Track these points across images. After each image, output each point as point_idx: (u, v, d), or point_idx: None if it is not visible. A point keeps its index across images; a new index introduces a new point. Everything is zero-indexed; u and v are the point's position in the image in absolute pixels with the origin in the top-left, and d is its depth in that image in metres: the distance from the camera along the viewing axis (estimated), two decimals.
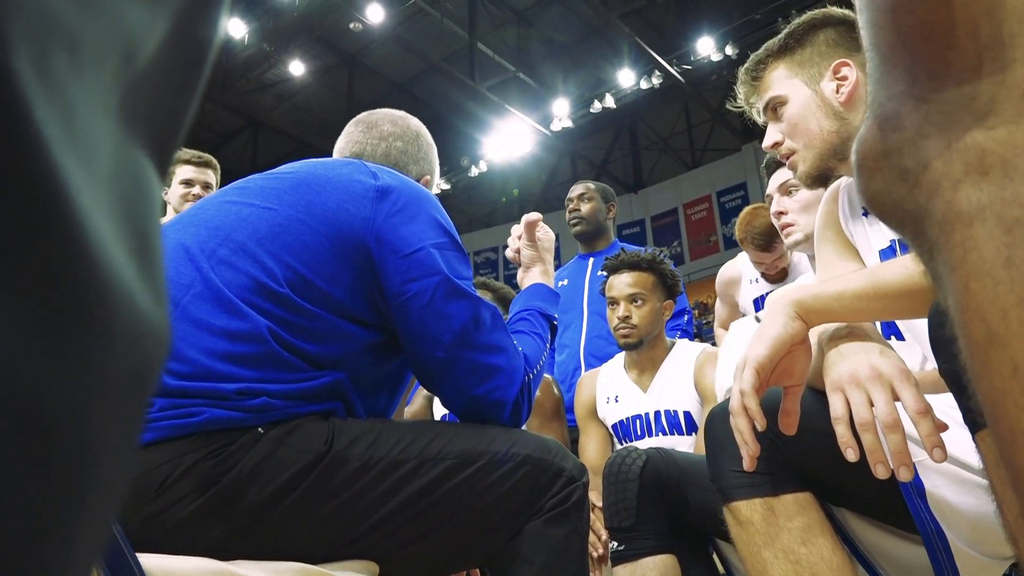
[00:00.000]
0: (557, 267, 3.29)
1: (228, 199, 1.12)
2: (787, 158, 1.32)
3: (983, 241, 0.33)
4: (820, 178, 1.29)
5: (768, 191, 2.15)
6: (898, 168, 0.37)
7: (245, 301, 0.98)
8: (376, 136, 1.39)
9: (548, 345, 1.33)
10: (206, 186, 2.78)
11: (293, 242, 1.04)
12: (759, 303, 2.60)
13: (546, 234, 1.50)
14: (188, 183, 2.75)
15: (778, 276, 2.56)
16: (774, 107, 1.32)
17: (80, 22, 0.18)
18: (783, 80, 1.31)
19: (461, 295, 1.11)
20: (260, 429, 0.92)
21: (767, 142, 1.35)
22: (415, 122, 1.46)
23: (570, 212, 3.16)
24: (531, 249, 1.48)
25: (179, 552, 0.83)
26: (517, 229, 1.51)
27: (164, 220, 2.77)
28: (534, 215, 1.50)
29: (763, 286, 2.60)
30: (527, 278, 1.47)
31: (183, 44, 0.23)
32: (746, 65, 1.38)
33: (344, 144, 1.41)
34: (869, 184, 0.39)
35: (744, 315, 2.66)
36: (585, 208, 3.14)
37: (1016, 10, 0.34)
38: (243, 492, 0.89)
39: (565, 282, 3.13)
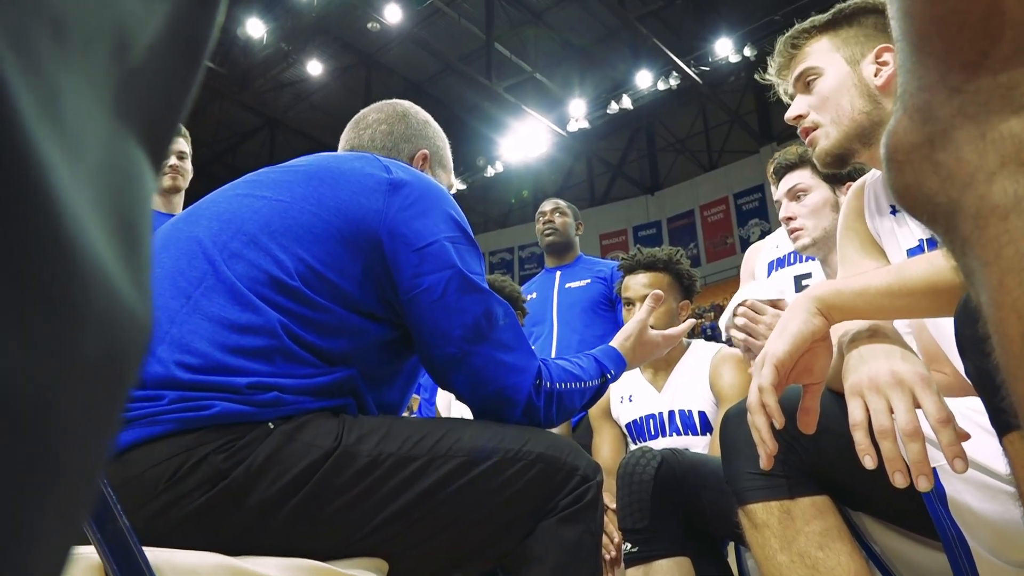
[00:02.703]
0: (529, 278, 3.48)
1: (240, 192, 1.11)
2: (807, 133, 1.29)
3: (1020, 235, 0.31)
4: (839, 158, 1.25)
5: (776, 196, 2.12)
6: (930, 160, 0.36)
7: (257, 294, 0.97)
8: (362, 127, 1.39)
9: (591, 382, 1.27)
10: (180, 156, 2.79)
11: (304, 235, 1.03)
12: (771, 266, 2.56)
13: (655, 344, 1.46)
14: None
15: None
16: (807, 80, 1.29)
17: (63, 2, 0.17)
18: (824, 53, 1.28)
19: (474, 290, 1.10)
20: (271, 424, 0.92)
21: (791, 113, 1.31)
22: (404, 104, 1.46)
23: (544, 223, 3.35)
24: (639, 326, 1.44)
25: (187, 547, 0.82)
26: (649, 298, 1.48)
27: None
28: (658, 293, 1.48)
29: (784, 249, 2.55)
30: (614, 340, 1.44)
31: (179, 40, 0.23)
32: (788, 33, 1.35)
33: (341, 146, 1.42)
34: (899, 177, 0.38)
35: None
36: (559, 221, 3.34)
37: None
38: (252, 487, 0.88)
39: (534, 295, 3.31)
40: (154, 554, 0.75)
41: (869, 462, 0.88)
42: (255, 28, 14.38)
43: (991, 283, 0.33)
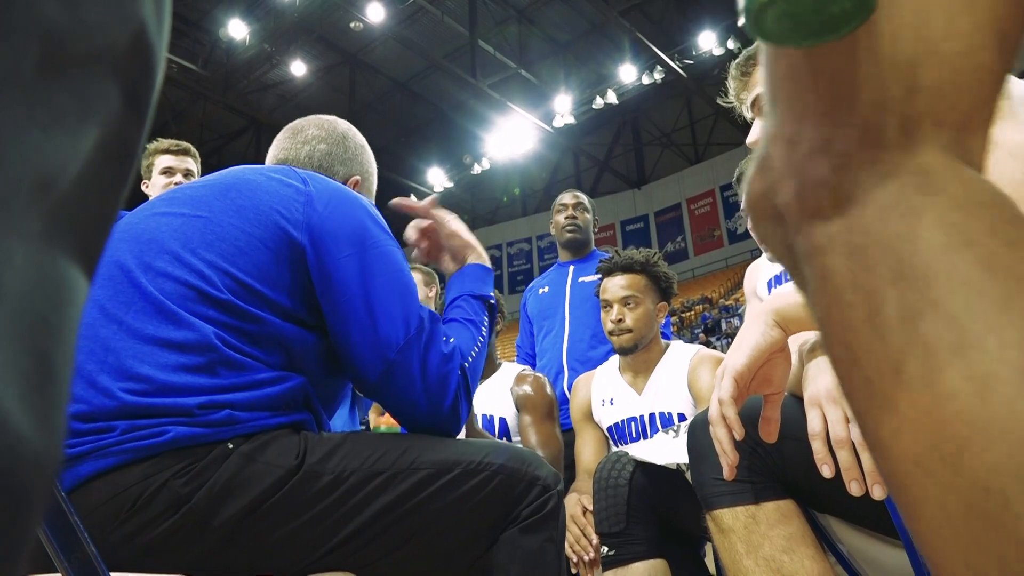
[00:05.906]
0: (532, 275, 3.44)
1: (157, 211, 1.10)
2: None
3: (835, 269, 0.35)
4: None
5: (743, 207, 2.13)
6: (771, 207, 0.39)
7: (188, 311, 0.97)
8: (300, 140, 1.38)
9: (485, 328, 1.26)
10: (187, 173, 2.81)
11: (227, 248, 1.03)
12: (770, 284, 2.57)
13: (455, 218, 1.41)
14: (168, 171, 2.78)
15: None
16: (760, 104, 1.33)
17: None
18: None
19: (397, 294, 1.09)
20: (229, 444, 0.92)
21: (751, 138, 1.36)
22: (343, 125, 1.44)
23: (567, 218, 3.30)
24: (456, 239, 1.38)
25: (155, 570, 0.83)
26: (421, 224, 1.40)
27: None
28: (434, 196, 1.43)
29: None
30: (448, 264, 1.39)
31: (111, 151, 0.23)
32: (737, 60, 1.39)
33: (273, 152, 1.40)
34: (756, 223, 0.41)
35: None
36: (582, 218, 3.31)
37: (871, 55, 0.35)
38: (216, 509, 0.88)
39: (546, 289, 3.29)
40: None
41: (827, 471, 0.90)
42: (237, 29, 14.33)
43: (821, 315, 0.37)
